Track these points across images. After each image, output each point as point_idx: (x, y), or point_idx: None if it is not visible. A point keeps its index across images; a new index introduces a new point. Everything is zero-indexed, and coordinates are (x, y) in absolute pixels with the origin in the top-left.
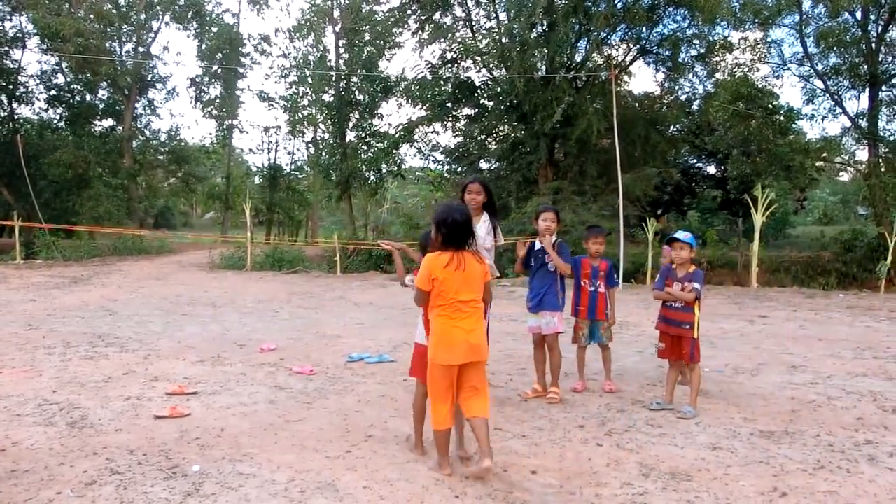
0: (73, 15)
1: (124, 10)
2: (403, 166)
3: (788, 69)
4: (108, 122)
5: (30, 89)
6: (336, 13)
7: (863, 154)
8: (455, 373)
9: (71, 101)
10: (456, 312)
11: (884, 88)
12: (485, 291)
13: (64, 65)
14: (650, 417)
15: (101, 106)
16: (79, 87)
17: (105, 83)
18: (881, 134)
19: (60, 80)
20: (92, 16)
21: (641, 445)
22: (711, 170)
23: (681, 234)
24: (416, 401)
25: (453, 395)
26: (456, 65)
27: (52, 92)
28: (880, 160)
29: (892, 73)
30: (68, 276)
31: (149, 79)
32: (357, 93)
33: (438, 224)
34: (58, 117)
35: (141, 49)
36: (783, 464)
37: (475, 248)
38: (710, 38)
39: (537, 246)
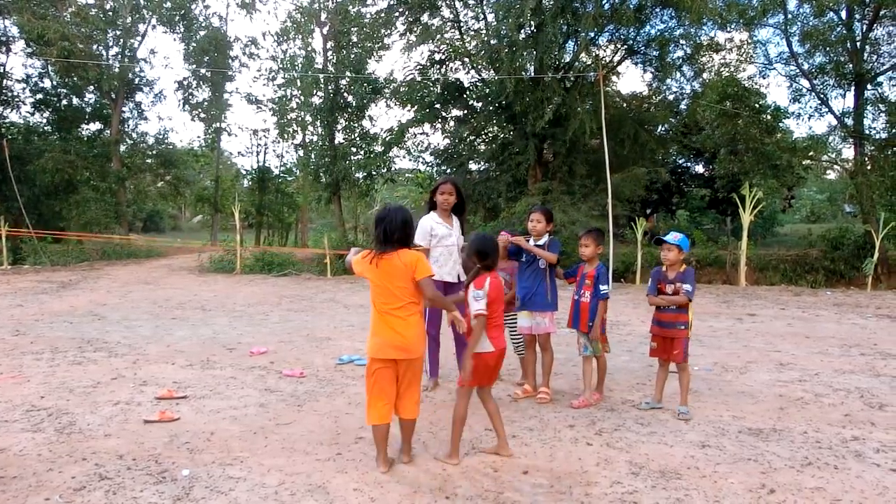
0: (59, 19)
1: (111, 13)
2: (393, 168)
3: (774, 69)
4: (96, 126)
5: (15, 93)
6: (323, 15)
7: (849, 152)
8: (393, 370)
9: (57, 105)
10: (382, 314)
11: (869, 87)
12: (423, 290)
13: (50, 69)
14: (639, 416)
15: (88, 110)
16: (65, 91)
17: (92, 87)
18: (867, 132)
19: (47, 84)
20: (78, 20)
21: (631, 444)
22: (699, 169)
23: (669, 237)
24: (458, 409)
25: (392, 393)
26: (444, 66)
27: (39, 96)
28: (866, 158)
29: (877, 71)
30: (56, 281)
31: (136, 82)
32: (346, 95)
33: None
34: (44, 121)
35: (128, 52)
36: (771, 461)
37: (415, 249)
38: (697, 39)
39: (531, 243)
